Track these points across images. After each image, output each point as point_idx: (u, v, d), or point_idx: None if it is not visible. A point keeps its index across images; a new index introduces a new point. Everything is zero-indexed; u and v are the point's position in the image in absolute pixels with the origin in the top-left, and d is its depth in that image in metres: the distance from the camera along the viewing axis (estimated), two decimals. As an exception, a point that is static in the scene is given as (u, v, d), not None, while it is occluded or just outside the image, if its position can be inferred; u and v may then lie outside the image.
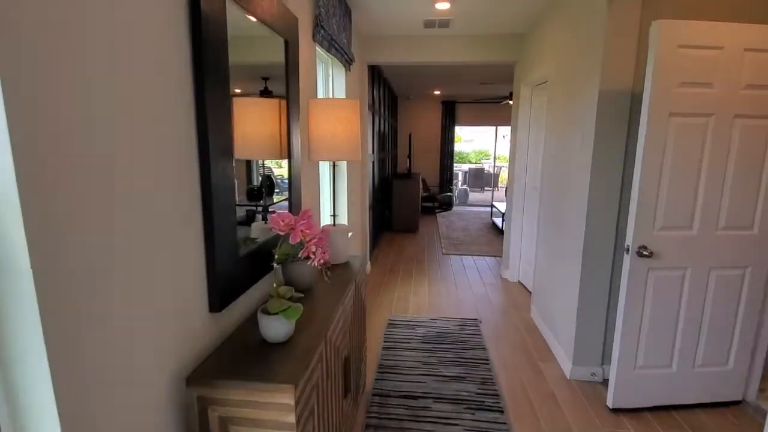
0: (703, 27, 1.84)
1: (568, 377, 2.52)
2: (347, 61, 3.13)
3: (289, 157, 1.86)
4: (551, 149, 3.04)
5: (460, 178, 12.14)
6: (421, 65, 4.34)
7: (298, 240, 1.14)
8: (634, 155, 2.27)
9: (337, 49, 2.75)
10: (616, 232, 2.35)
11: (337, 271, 1.92)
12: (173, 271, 1.03)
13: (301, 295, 1.37)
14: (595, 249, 2.38)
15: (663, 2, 2.09)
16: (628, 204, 2.32)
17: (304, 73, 2.15)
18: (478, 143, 15.84)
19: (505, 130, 9.92)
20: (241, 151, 1.47)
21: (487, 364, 2.66)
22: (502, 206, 7.42)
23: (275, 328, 1.20)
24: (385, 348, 2.86)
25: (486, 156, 16.86)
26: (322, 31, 2.36)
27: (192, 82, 1.11)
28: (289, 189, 1.90)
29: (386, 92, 6.41)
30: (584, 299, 2.44)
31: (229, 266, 1.29)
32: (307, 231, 1.17)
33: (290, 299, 1.34)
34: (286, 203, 1.88)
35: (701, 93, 1.90)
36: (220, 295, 1.25)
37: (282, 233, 1.17)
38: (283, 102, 1.80)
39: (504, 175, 12.08)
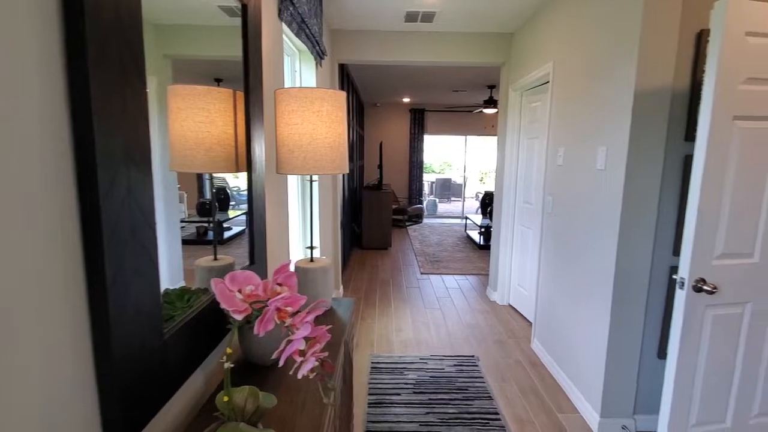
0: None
1: (595, 433, 2.10)
2: (319, 54, 2.61)
3: (250, 169, 1.31)
4: (558, 162, 2.66)
5: (426, 189, 11.84)
6: (399, 65, 3.89)
7: (271, 327, 0.61)
8: (674, 168, 1.90)
9: (307, 36, 2.23)
10: (651, 263, 1.96)
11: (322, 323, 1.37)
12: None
13: (273, 400, 0.82)
14: (628, 283, 1.97)
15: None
16: (664, 230, 1.94)
17: (268, 58, 1.61)
18: (440, 153, 15.68)
19: (474, 140, 9.70)
20: (178, 163, 0.97)
21: (499, 419, 2.18)
22: (477, 218, 7.09)
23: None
24: (372, 404, 2.31)
25: (449, 166, 16.72)
26: (291, 8, 1.83)
27: (60, 32, 0.55)
28: (250, 215, 1.34)
29: (354, 98, 5.92)
30: (615, 343, 2.02)
31: (149, 363, 0.73)
32: (289, 308, 0.63)
33: (255, 415, 0.79)
34: (244, 217, 1.34)
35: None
36: (124, 423, 0.69)
37: (239, 317, 0.62)
38: (240, 94, 1.25)
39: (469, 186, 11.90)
